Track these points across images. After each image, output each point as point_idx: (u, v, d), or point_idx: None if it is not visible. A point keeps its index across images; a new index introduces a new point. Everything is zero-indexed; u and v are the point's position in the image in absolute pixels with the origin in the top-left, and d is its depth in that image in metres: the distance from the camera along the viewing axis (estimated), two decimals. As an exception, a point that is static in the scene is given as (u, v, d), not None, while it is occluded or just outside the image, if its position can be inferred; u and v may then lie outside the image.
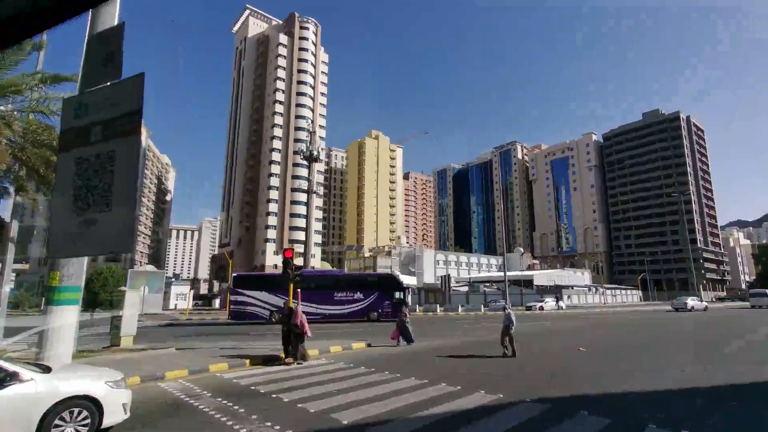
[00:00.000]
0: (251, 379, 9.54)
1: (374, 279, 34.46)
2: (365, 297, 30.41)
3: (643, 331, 22.46)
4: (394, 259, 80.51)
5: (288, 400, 7.52)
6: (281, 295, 26.95)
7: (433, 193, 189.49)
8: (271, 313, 27.79)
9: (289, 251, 14.67)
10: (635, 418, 6.24)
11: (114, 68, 1.73)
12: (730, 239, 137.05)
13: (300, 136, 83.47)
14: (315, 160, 48.26)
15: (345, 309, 29.98)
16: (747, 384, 8.96)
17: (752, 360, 12.48)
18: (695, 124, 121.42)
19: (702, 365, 11.23)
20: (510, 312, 13.14)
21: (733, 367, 11.01)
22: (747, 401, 7.75)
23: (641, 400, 7.50)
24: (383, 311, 30.24)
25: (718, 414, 6.88)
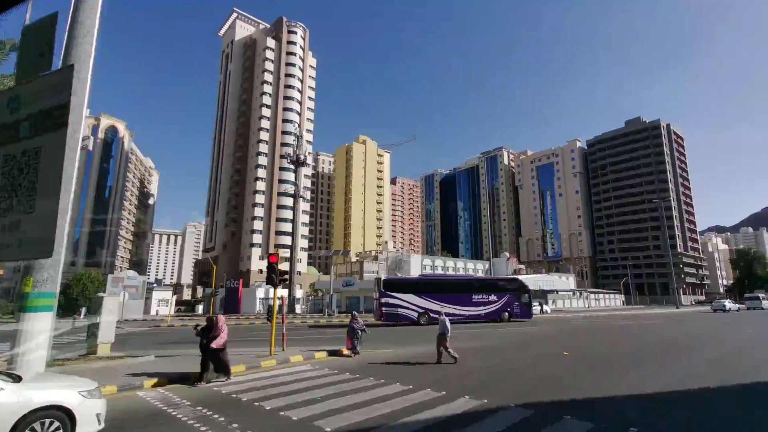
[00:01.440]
0: (233, 386, 9.35)
1: (504, 282, 35.71)
2: (498, 299, 32.11)
3: (625, 335, 22.83)
4: (381, 263, 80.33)
5: (270, 408, 7.38)
6: (428, 298, 30.04)
7: (421, 198, 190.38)
8: (419, 315, 29.62)
9: (273, 256, 14.52)
10: (617, 421, 6.30)
11: (48, 60, 1.65)
12: (709, 244, 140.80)
13: (287, 141, 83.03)
14: (302, 164, 48.19)
15: (482, 310, 31.63)
16: (726, 386, 9.16)
17: (732, 363, 12.77)
18: (675, 132, 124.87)
19: (692, 368, 11.45)
20: (445, 319, 12.68)
21: (718, 371, 11.25)
22: (724, 403, 7.90)
23: (624, 404, 7.59)
24: (513, 312, 32.30)
25: (696, 416, 7.00)
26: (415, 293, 30.36)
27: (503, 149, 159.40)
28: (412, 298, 30.09)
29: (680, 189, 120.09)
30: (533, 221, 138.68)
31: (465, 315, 30.90)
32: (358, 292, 53.76)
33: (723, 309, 49.07)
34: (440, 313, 30.49)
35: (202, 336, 10.01)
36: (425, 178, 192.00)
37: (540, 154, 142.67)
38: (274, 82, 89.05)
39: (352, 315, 14.58)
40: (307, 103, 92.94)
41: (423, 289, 30.85)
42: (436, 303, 29.65)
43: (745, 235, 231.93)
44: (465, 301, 31.31)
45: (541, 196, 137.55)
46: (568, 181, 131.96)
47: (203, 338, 9.92)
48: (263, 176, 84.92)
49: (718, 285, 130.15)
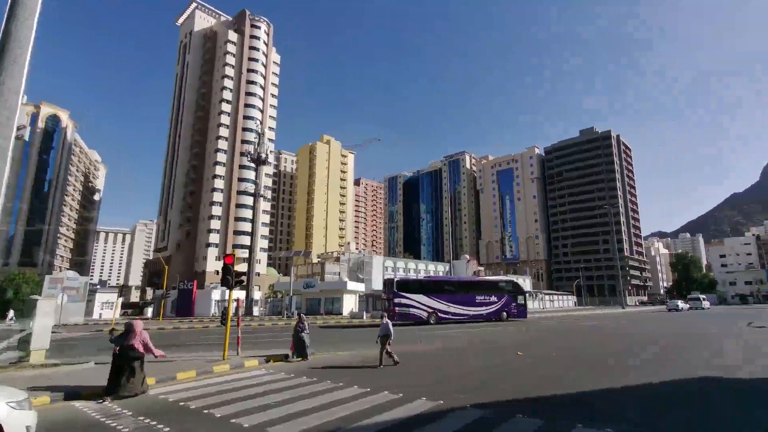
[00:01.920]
0: (181, 393, 8.83)
1: (504, 284, 37.16)
2: (498, 300, 33.88)
3: (579, 333, 23.94)
4: (343, 265, 79.73)
5: (221, 416, 7.02)
6: (436, 299, 31.40)
7: (384, 199, 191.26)
8: (429, 315, 30.83)
9: (229, 257, 13.95)
10: (566, 418, 6.52)
11: None
12: (652, 249, 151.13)
13: (248, 138, 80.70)
14: (263, 162, 46.88)
15: (484, 310, 33.16)
16: (667, 381, 9.77)
17: (675, 358, 13.68)
18: (624, 143, 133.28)
19: (638, 364, 12.12)
20: (387, 322, 12.35)
21: (661, 367, 11.98)
22: (668, 398, 8.40)
23: (574, 401, 7.86)
24: (511, 312, 34.23)
25: (641, 411, 7.39)
26: (424, 294, 31.41)
27: (466, 154, 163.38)
28: (422, 298, 31.10)
29: (627, 196, 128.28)
30: (493, 224, 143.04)
31: (469, 314, 32.47)
32: (318, 293, 52.97)
33: (677, 309, 55.14)
34: (446, 312, 31.52)
35: (116, 343, 8.82)
36: (389, 180, 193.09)
37: (501, 160, 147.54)
38: (235, 77, 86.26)
39: (299, 317, 13.85)
40: (269, 100, 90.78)
41: (432, 290, 32.09)
42: (443, 303, 31.54)
43: (683, 240, 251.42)
44: (469, 301, 32.85)
45: (501, 200, 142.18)
46: (526, 187, 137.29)
47: (117, 345, 8.76)
48: (222, 174, 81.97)
49: (659, 287, 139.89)
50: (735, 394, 8.54)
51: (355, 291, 54.15)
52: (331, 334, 24.75)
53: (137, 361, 8.69)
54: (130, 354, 8.61)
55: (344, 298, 50.82)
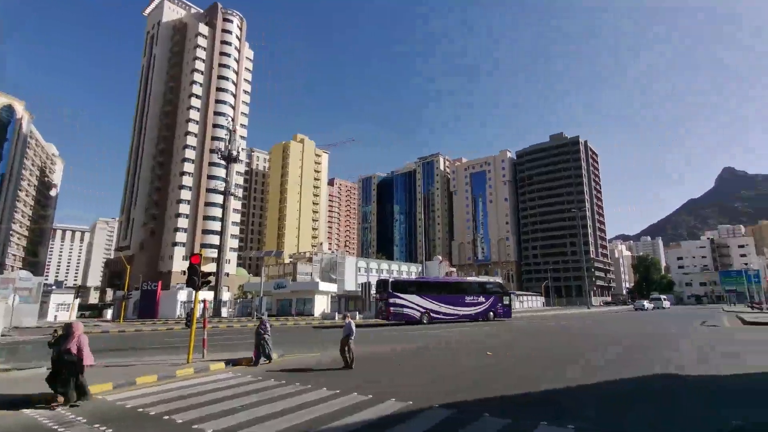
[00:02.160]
0: (141, 399, 8.43)
1: (491, 285, 38.81)
2: (486, 300, 35.26)
3: (548, 334, 24.65)
4: (315, 265, 78.89)
5: (182, 422, 6.73)
6: (428, 299, 32.15)
7: (358, 200, 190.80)
8: (422, 315, 31.50)
9: (196, 257, 13.49)
10: (531, 417, 6.64)
11: None
12: (615, 251, 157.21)
13: (218, 134, 78.53)
14: (234, 160, 45.75)
15: (472, 310, 34.34)
16: (631, 378, 10.17)
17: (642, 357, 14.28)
18: (591, 149, 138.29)
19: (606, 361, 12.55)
20: (350, 322, 12.22)
21: (622, 365, 12.45)
22: (630, 395, 8.74)
23: (540, 400, 8.04)
24: (497, 312, 35.65)
25: (604, 409, 7.65)
26: (417, 294, 32.18)
27: (440, 156, 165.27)
28: (415, 298, 31.84)
29: (594, 200, 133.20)
30: (465, 226, 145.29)
31: (459, 314, 33.60)
32: (290, 294, 52.16)
33: (642, 308, 59.40)
34: (437, 312, 32.06)
35: (53, 346, 8.22)
36: (363, 181, 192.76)
37: (474, 162, 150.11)
38: (205, 72, 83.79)
39: (261, 320, 13.36)
40: (242, 97, 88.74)
41: (424, 291, 32.92)
42: (435, 303, 32.51)
43: (644, 243, 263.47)
44: (459, 301, 33.95)
45: (474, 202, 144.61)
46: (498, 189, 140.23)
47: (54, 349, 8.19)
48: (190, 170, 79.38)
49: (622, 287, 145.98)
50: (693, 391, 8.96)
51: (327, 292, 53.69)
52: (301, 335, 24.39)
53: (74, 365, 8.06)
54: (65, 358, 8.00)
55: (316, 298, 50.29)
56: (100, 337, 25.78)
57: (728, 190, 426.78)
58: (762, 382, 9.36)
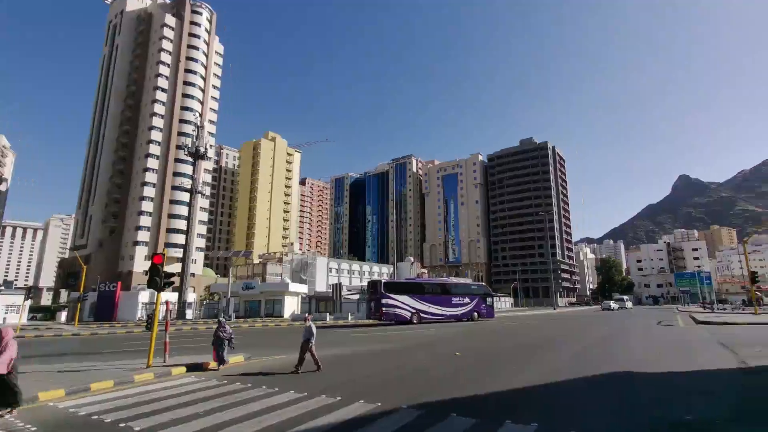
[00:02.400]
0: (96, 406, 7.97)
1: (476, 287, 40.76)
2: (471, 301, 36.75)
3: (519, 334, 25.24)
4: (286, 266, 77.75)
5: (140, 429, 6.42)
6: (418, 300, 33.23)
7: (330, 200, 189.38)
8: (412, 315, 32.48)
9: (158, 257, 12.94)
10: (497, 415, 6.76)
11: None
12: (580, 253, 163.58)
13: (185, 130, 75.94)
14: (202, 157, 44.33)
15: (459, 311, 35.69)
16: (596, 376, 10.55)
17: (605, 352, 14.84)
18: (559, 154, 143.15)
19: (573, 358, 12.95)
20: (311, 324, 11.79)
21: (587, 363, 12.90)
22: (594, 391, 9.06)
23: (506, 398, 8.21)
24: (481, 312, 37.37)
25: (564, 406, 7.89)
26: (408, 295, 33.12)
27: (413, 157, 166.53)
28: (406, 299, 32.79)
29: (561, 204, 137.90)
30: (437, 228, 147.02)
31: (446, 315, 34.91)
32: (259, 295, 51.05)
33: (609, 308, 63.37)
34: (426, 313, 32.99)
35: None
36: (335, 181, 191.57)
37: (446, 165, 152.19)
38: (172, 65, 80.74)
39: (219, 322, 12.68)
40: (211, 92, 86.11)
41: (415, 292, 33.87)
42: (424, 304, 33.62)
43: (607, 246, 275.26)
44: (446, 302, 35.19)
45: (446, 204, 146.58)
46: (470, 192, 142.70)
47: None
48: (154, 167, 76.25)
49: (586, 288, 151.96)
50: (650, 388, 9.36)
51: (297, 293, 52.95)
52: (270, 337, 23.90)
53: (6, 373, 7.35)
54: None
55: (286, 299, 49.50)
56: (53, 341, 24.30)
57: (683, 197, 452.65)
58: (712, 379, 9.93)
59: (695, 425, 6.25)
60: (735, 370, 10.53)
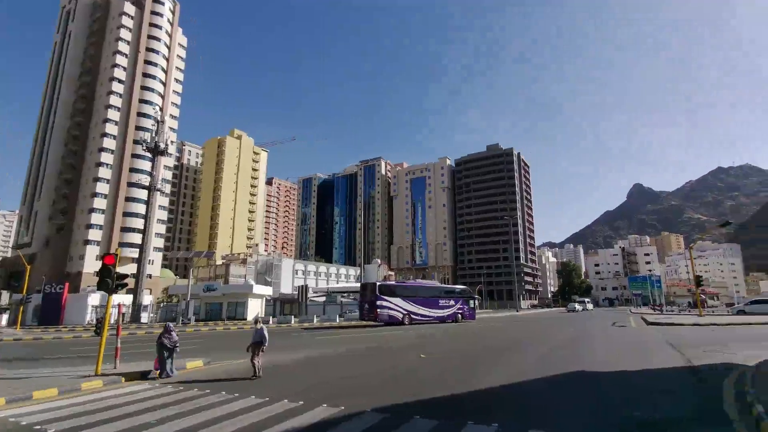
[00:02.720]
0: (38, 415, 7.40)
1: (460, 290, 42.07)
2: (455, 304, 38.58)
3: (488, 336, 25.74)
4: (250, 267, 75.80)
5: (85, 441, 6.01)
6: (410, 302, 34.52)
7: (297, 201, 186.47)
8: (403, 316, 33.66)
9: (110, 257, 12.21)
10: (459, 417, 6.83)
11: None
12: (543, 257, 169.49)
13: (144, 124, 72.46)
14: (161, 153, 42.44)
15: (445, 313, 37.38)
16: (555, 375, 10.89)
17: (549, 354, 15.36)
18: (524, 161, 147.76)
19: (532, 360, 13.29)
20: (262, 327, 11.21)
21: (547, 363, 13.31)
22: (549, 392, 9.34)
23: (468, 399, 8.29)
24: (465, 314, 39.25)
25: (523, 406, 8.10)
26: (400, 297, 34.19)
27: (381, 160, 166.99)
28: (399, 301, 33.89)
29: (525, 209, 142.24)
30: (405, 230, 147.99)
31: (434, 316, 36.34)
32: (221, 297, 49.39)
33: (574, 310, 67.61)
34: (416, 314, 34.03)
35: None
36: (303, 182, 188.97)
37: (414, 168, 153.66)
38: (131, 55, 76.86)
39: (165, 327, 11.79)
40: (172, 86, 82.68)
41: (407, 294, 35.11)
42: (415, 306, 34.87)
43: (568, 250, 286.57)
44: (434, 304, 36.85)
45: (413, 207, 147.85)
46: (437, 195, 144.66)
47: None
48: (108, 162, 72.20)
49: (548, 291, 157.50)
50: (606, 386, 9.80)
51: (261, 295, 51.68)
52: (231, 341, 23.12)
53: None
54: None
55: (249, 302, 48.16)
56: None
57: (637, 204, 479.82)
58: (668, 378, 10.47)
59: (661, 424, 6.49)
60: (685, 369, 11.16)
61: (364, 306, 34.09)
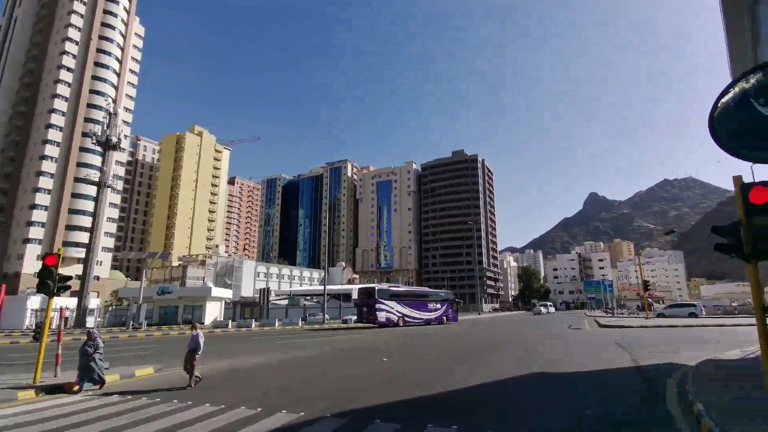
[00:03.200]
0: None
1: (444, 294, 45.00)
2: (441, 307, 41.74)
3: (456, 338, 25.99)
4: (209, 269, 73.12)
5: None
6: (404, 305, 37.20)
7: (261, 201, 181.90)
8: (398, 318, 36.29)
9: (51, 257, 11.30)
10: (419, 420, 6.81)
11: None
12: (504, 262, 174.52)
13: (95, 116, 68.30)
14: (113, 147, 40.09)
15: (433, 315, 40.31)
16: (513, 377, 11.13)
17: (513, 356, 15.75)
18: (487, 167, 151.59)
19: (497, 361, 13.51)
20: (198, 333, 10.44)
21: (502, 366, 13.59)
22: (508, 393, 9.53)
23: (429, 403, 8.31)
24: (449, 317, 42.49)
25: (482, 407, 8.20)
26: (396, 301, 36.65)
27: (348, 162, 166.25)
28: (395, 305, 36.34)
29: (488, 214, 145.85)
30: (370, 233, 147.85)
31: (424, 318, 38.98)
32: (177, 300, 47.13)
33: (539, 313, 70.77)
34: (409, 316, 36.16)
35: None
36: (267, 182, 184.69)
37: (381, 171, 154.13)
38: (82, 43, 72.36)
39: (88, 334, 10.61)
40: (127, 77, 78.52)
41: (402, 298, 37.69)
42: (408, 309, 37.55)
43: (528, 255, 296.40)
44: (424, 308, 39.78)
45: (379, 210, 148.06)
46: (403, 199, 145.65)
47: None
48: (53, 155, 67.42)
49: (508, 295, 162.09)
50: (561, 386, 10.14)
51: (221, 298, 49.84)
52: (186, 346, 22.03)
53: None
54: None
55: (208, 305, 46.30)
56: None
57: (593, 212, 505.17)
58: (612, 377, 11.00)
59: (610, 423, 6.72)
60: (632, 370, 11.74)
61: (363, 309, 35.96)
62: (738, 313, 46.28)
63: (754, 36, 9.16)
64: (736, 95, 1.20)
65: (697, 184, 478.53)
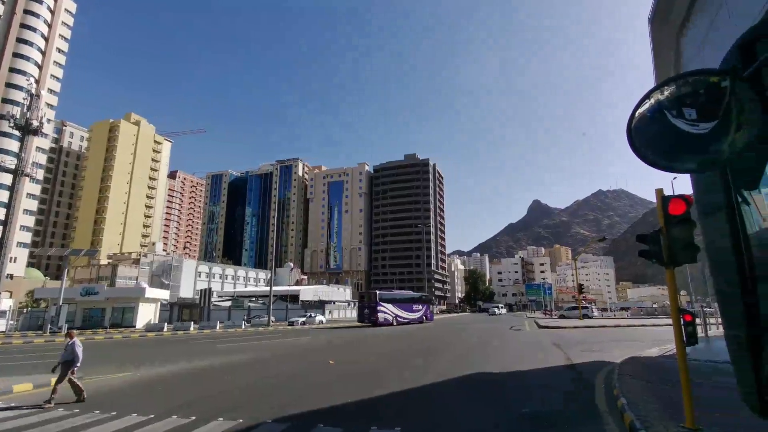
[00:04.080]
0: None
1: (425, 297, 52.22)
2: (422, 308, 47.93)
3: (409, 338, 26.07)
4: (144, 268, 68.27)
5: None
6: (397, 307, 42.88)
7: (204, 198, 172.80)
8: (393, 319, 41.49)
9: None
10: (363, 422, 6.75)
11: None
12: (452, 264, 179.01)
13: (14, 97, 61.37)
14: (34, 132, 36.03)
15: (416, 315, 45.95)
16: (457, 377, 11.34)
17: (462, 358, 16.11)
18: (438, 172, 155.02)
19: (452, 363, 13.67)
20: (74, 341, 9.25)
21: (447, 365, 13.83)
22: (452, 393, 9.69)
23: (372, 405, 8.26)
24: (428, 316, 48.74)
25: (426, 408, 8.27)
26: (391, 304, 42.21)
27: (299, 161, 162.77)
28: (390, 307, 41.79)
29: (438, 218, 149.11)
30: (320, 234, 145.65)
31: (410, 318, 44.33)
32: (104, 302, 43.30)
33: (494, 313, 77.11)
34: (400, 317, 43.39)
35: None
36: (212, 177, 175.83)
37: (333, 171, 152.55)
38: (4, 17, 64.70)
39: None
40: (54, 55, 71.32)
41: (396, 301, 43.59)
42: (400, 311, 43.19)
43: (475, 259, 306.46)
44: (411, 309, 45.47)
45: (330, 211, 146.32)
46: (354, 200, 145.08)
47: None
48: (-38, 138, 59.54)
49: (455, 297, 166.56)
50: (503, 385, 10.51)
51: (156, 299, 46.57)
52: (113, 351, 20.30)
53: None
54: None
55: (140, 307, 43.04)
56: None
57: (535, 218, 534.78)
58: (548, 375, 11.61)
59: (545, 418, 7.05)
60: (567, 367, 12.50)
61: (364, 310, 41.29)
62: (658, 314, 51.51)
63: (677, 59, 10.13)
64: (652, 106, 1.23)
65: (626, 195, 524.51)
